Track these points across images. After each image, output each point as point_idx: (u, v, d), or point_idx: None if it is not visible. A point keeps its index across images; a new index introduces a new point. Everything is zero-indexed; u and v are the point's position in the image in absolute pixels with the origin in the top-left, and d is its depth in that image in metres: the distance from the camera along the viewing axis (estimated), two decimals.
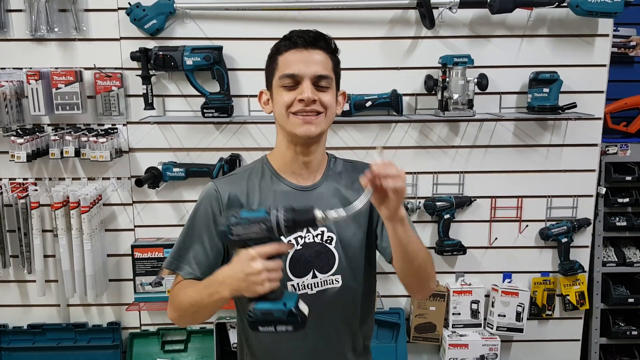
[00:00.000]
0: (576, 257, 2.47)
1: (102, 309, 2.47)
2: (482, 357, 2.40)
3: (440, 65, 2.24)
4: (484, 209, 2.44)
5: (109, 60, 2.26)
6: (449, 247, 2.39)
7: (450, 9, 2.20)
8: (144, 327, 2.48)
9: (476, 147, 2.39)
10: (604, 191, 2.48)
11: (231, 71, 2.27)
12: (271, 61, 1.33)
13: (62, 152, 2.23)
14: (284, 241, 1.12)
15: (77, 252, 2.26)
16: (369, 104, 2.26)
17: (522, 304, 2.42)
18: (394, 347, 2.42)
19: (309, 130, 1.28)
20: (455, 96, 2.22)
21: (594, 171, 2.43)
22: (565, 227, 2.40)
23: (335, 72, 1.34)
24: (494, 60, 2.32)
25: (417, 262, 1.26)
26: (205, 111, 2.24)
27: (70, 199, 2.23)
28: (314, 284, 1.34)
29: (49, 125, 2.31)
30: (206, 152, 2.35)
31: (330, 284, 1.34)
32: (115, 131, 2.27)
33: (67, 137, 2.22)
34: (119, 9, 2.22)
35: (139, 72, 2.21)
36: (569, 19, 2.29)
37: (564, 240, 2.41)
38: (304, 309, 1.15)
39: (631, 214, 2.55)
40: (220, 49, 2.22)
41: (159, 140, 2.34)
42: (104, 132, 2.23)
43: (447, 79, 2.21)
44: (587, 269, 2.50)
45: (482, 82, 2.22)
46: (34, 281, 2.34)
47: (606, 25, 2.30)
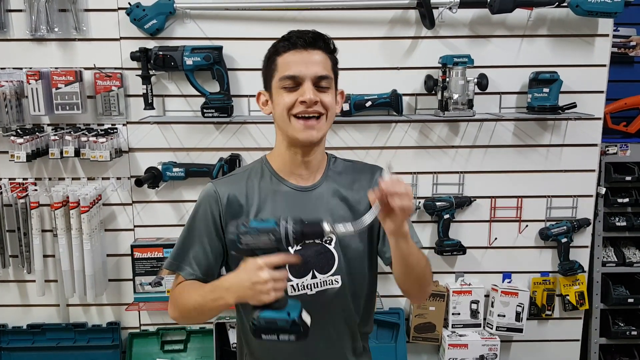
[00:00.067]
0: (576, 257, 2.47)
1: (101, 309, 2.47)
2: (481, 357, 2.40)
3: (440, 65, 2.24)
4: (484, 209, 2.44)
5: (108, 60, 2.26)
6: (449, 247, 2.40)
7: (450, 9, 2.20)
8: (143, 327, 2.48)
9: (476, 147, 2.39)
10: (603, 191, 2.48)
11: (231, 71, 2.27)
12: (269, 62, 1.32)
13: (61, 152, 2.23)
14: (291, 252, 1.13)
15: (77, 252, 2.26)
16: (369, 104, 2.26)
17: (521, 304, 2.42)
18: (394, 347, 2.42)
19: (310, 135, 1.29)
20: (455, 96, 2.22)
21: (593, 171, 2.43)
22: (565, 227, 2.40)
23: (334, 72, 1.33)
24: (494, 60, 2.32)
25: (416, 272, 1.28)
26: (205, 111, 2.24)
27: (69, 199, 2.23)
28: (314, 284, 1.33)
29: (48, 125, 2.31)
30: (206, 152, 2.35)
31: (330, 284, 1.34)
32: (115, 131, 2.27)
33: (67, 137, 2.22)
34: (119, 9, 2.22)
35: (139, 72, 2.21)
36: (569, 19, 2.29)
37: (564, 240, 2.41)
38: (307, 319, 1.16)
39: (631, 214, 2.55)
40: (220, 49, 2.22)
41: (159, 140, 2.34)
42: (103, 132, 2.23)
43: (447, 79, 2.21)
44: (586, 269, 2.50)
45: (482, 82, 2.22)
46: (34, 281, 2.34)
47: (606, 25, 2.30)
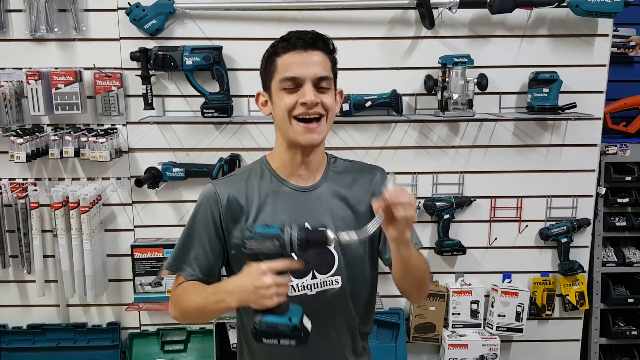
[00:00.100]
0: (576, 257, 2.47)
1: (101, 309, 2.47)
2: (481, 357, 2.40)
3: (440, 65, 2.24)
4: (484, 209, 2.43)
5: (108, 60, 2.26)
6: (449, 247, 2.40)
7: (450, 9, 2.20)
8: (143, 328, 2.48)
9: (476, 147, 2.39)
10: (603, 191, 2.48)
11: (231, 71, 2.27)
12: (268, 63, 1.31)
13: (61, 152, 2.23)
14: (294, 258, 1.13)
15: (77, 252, 2.26)
16: (368, 104, 2.26)
17: (521, 304, 2.42)
18: (394, 347, 2.42)
19: (312, 139, 1.29)
20: (455, 96, 2.22)
21: (593, 171, 2.43)
22: (565, 227, 2.40)
23: (333, 72, 1.33)
24: (493, 60, 2.31)
25: (415, 275, 1.31)
26: (205, 111, 2.24)
27: (69, 199, 2.23)
28: (314, 284, 1.33)
29: (48, 125, 2.31)
30: (206, 152, 2.35)
31: (329, 284, 1.34)
32: (114, 131, 2.27)
33: (67, 137, 2.22)
34: (119, 9, 2.22)
35: (139, 72, 2.21)
36: (569, 19, 2.29)
37: (564, 240, 2.41)
38: (308, 324, 1.17)
39: (631, 214, 2.55)
40: (220, 49, 2.22)
41: (159, 140, 2.33)
42: (103, 132, 2.23)
43: (447, 79, 2.21)
44: (586, 269, 2.50)
45: (482, 82, 2.22)
46: (34, 281, 2.34)
47: (606, 25, 2.30)
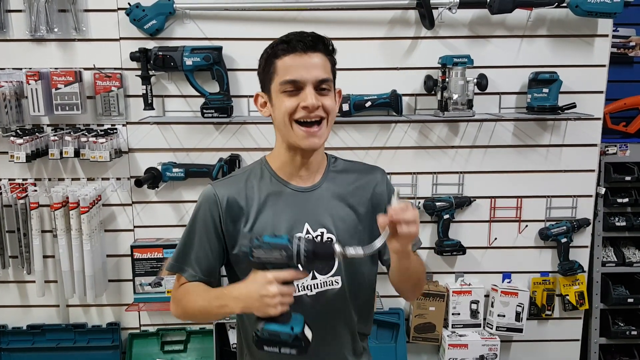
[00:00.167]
0: (576, 257, 2.47)
1: (101, 310, 2.47)
2: (481, 357, 2.40)
3: (439, 65, 2.24)
4: (484, 209, 2.44)
5: (108, 60, 2.26)
6: (449, 247, 2.40)
7: (449, 9, 2.20)
8: (143, 328, 2.48)
9: (476, 148, 2.39)
10: (603, 191, 2.48)
11: (231, 71, 2.27)
12: (268, 64, 1.30)
13: (61, 153, 2.23)
14: (300, 269, 1.14)
15: (77, 253, 2.26)
16: (368, 104, 2.26)
17: (521, 304, 2.42)
18: (394, 348, 2.42)
19: (313, 143, 1.29)
20: (454, 96, 2.22)
21: (593, 171, 2.43)
22: (564, 227, 2.40)
23: (333, 73, 1.33)
24: (493, 60, 2.32)
25: (413, 279, 1.34)
26: (204, 111, 2.23)
27: (69, 200, 2.23)
28: (314, 285, 1.33)
29: (48, 125, 2.31)
30: (206, 153, 2.35)
31: (329, 285, 1.35)
32: (114, 131, 2.27)
33: (67, 138, 2.22)
34: (119, 9, 2.22)
35: (139, 73, 2.21)
36: (569, 19, 2.29)
37: (564, 240, 2.41)
38: (309, 334, 1.18)
39: (630, 214, 2.55)
40: (219, 49, 2.22)
41: (159, 140, 2.33)
42: (103, 133, 2.23)
43: (447, 79, 2.21)
44: (586, 269, 2.50)
45: (482, 83, 2.22)
46: (34, 282, 2.34)
47: (606, 25, 2.30)
